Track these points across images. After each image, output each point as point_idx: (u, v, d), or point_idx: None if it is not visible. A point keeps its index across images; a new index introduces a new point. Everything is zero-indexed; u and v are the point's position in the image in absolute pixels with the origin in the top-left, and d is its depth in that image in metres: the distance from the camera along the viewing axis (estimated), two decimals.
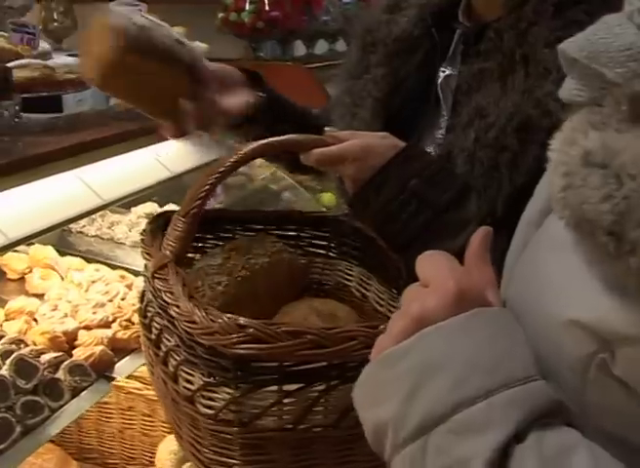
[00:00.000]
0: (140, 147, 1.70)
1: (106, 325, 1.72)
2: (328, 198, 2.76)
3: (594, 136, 0.54)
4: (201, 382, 0.79)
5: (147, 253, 0.98)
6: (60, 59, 1.55)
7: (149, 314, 0.97)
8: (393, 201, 0.94)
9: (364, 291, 1.19)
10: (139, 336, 1.59)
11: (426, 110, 1.08)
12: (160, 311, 0.90)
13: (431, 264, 0.61)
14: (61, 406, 1.51)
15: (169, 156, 1.80)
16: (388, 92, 1.09)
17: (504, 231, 0.95)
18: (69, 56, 1.63)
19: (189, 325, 0.77)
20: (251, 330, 0.73)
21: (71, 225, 2.09)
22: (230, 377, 0.76)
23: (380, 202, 0.95)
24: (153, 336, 0.94)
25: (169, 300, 0.83)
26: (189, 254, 1.18)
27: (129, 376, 1.67)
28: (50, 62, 1.52)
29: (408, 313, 0.58)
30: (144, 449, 1.73)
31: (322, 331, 0.74)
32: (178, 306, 0.80)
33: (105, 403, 1.69)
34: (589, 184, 0.51)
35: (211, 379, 0.78)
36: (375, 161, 0.95)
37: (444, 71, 1.06)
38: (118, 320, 1.71)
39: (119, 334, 1.69)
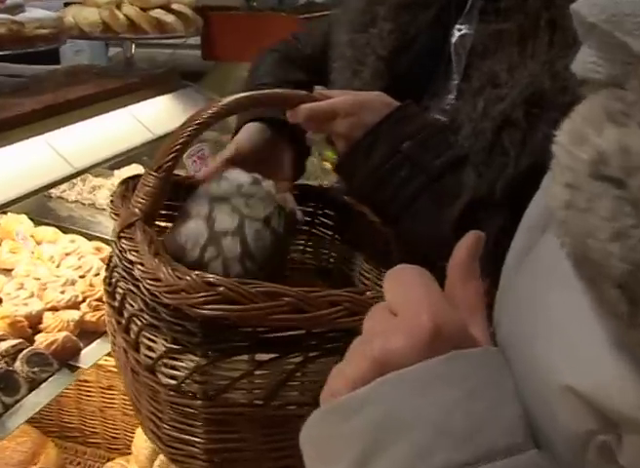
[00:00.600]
0: (119, 107, 1.61)
1: (75, 306, 1.59)
2: (331, 154, 2.62)
3: (611, 134, 0.39)
4: (163, 349, 0.70)
5: (116, 214, 0.89)
6: (33, 13, 1.45)
7: (114, 280, 0.89)
8: (384, 165, 0.86)
9: (347, 270, 1.11)
10: None
11: (437, 73, 0.98)
12: (125, 274, 0.81)
13: (403, 285, 0.47)
14: (17, 401, 1.36)
15: (150, 116, 1.71)
16: (395, 50, 0.98)
17: (501, 213, 0.87)
18: (45, 9, 1.53)
19: (153, 283, 0.68)
20: (221, 288, 0.64)
21: (52, 190, 1.97)
22: (196, 343, 0.67)
23: (369, 165, 0.86)
24: (116, 304, 0.86)
25: (133, 259, 0.75)
26: (161, 223, 1.10)
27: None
28: (20, 17, 1.43)
29: (369, 351, 0.43)
30: (127, 429, 1.65)
31: (302, 294, 0.65)
32: (142, 264, 0.72)
33: (85, 381, 1.60)
34: (598, 210, 0.37)
35: (174, 345, 0.69)
36: (369, 118, 0.87)
37: (460, 30, 0.96)
38: (88, 300, 1.57)
39: (88, 317, 1.55)
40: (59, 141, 1.44)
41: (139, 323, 0.76)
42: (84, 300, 1.60)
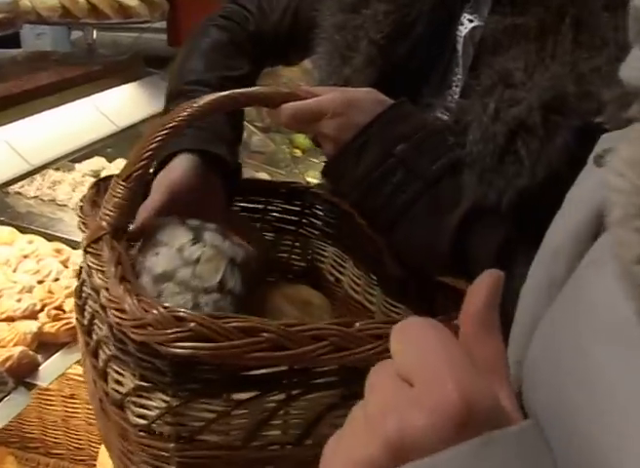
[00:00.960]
0: (80, 97, 1.51)
1: (33, 315, 1.45)
2: (301, 140, 2.52)
3: None
4: (132, 385, 0.64)
5: (84, 224, 0.82)
6: None
7: (84, 295, 0.82)
8: (375, 169, 0.78)
9: (338, 274, 1.04)
10: (70, 329, 1.40)
11: (438, 64, 0.89)
12: (93, 293, 0.74)
13: (416, 345, 0.38)
14: None
15: (114, 107, 1.61)
16: (391, 34, 0.87)
17: (505, 223, 0.80)
18: None
19: (118, 314, 0.62)
20: (192, 324, 0.58)
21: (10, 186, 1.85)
22: (166, 382, 0.61)
23: (360, 170, 0.79)
24: (85, 322, 0.79)
25: (98, 283, 0.68)
26: None
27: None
28: None
29: (380, 430, 0.35)
30: (91, 440, 1.57)
31: (282, 329, 0.59)
32: (107, 289, 0.65)
33: (47, 389, 1.50)
34: None
35: (143, 383, 0.63)
36: (359, 117, 0.79)
37: (471, 21, 0.86)
38: (47, 308, 1.44)
39: (46, 327, 1.41)
40: (14, 136, 1.35)
41: (107, 351, 0.69)
42: (42, 309, 1.47)
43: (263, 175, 2.21)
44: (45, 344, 1.40)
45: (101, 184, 0.93)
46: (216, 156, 0.90)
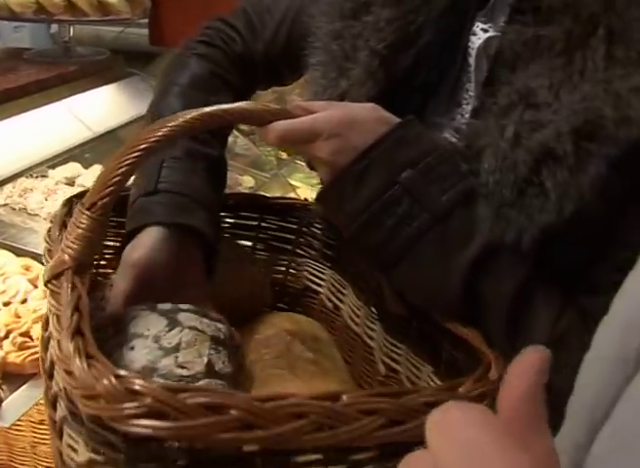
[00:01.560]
0: (53, 100, 1.40)
1: None
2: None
3: None
4: (85, 456, 0.55)
5: (49, 251, 0.74)
6: None
7: (47, 334, 0.74)
8: (377, 199, 0.69)
9: (336, 301, 0.95)
10: (37, 359, 1.23)
11: (446, 79, 0.79)
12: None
13: (461, 441, 0.32)
14: None
15: (91, 111, 1.50)
16: (394, 44, 0.78)
17: (525, 263, 0.70)
18: None
19: (66, 378, 0.53)
20: (148, 400, 0.49)
21: None
22: (121, 460, 0.52)
23: (359, 199, 0.69)
24: (47, 364, 0.71)
25: (53, 331, 0.59)
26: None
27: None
28: None
29: None
30: None
31: (254, 406, 0.50)
32: (59, 342, 0.57)
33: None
34: None
35: (96, 456, 0.54)
36: (359, 139, 0.70)
37: (486, 31, 0.76)
38: (12, 335, 1.25)
39: (11, 357, 1.22)
40: None
41: (62, 408, 0.61)
42: (7, 336, 1.28)
43: (248, 179, 2.09)
44: (9, 376, 1.23)
45: (75, 201, 0.85)
46: (191, 228, 0.79)
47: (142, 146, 0.66)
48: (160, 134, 0.66)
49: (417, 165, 0.69)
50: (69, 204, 0.83)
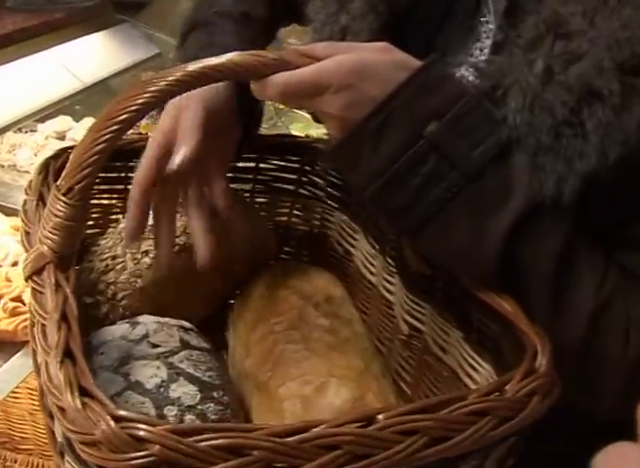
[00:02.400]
0: (40, 49, 1.29)
1: None
2: None
3: None
4: None
5: (27, 234, 0.66)
6: None
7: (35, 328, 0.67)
8: (399, 158, 0.59)
9: (347, 245, 0.88)
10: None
11: (459, 9, 0.69)
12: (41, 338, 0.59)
13: None
14: None
15: (79, 60, 1.38)
16: None
17: (567, 220, 0.63)
18: None
19: (61, 416, 0.46)
20: (156, 448, 0.42)
21: None
22: None
23: (378, 158, 0.59)
24: (39, 359, 0.64)
25: (39, 349, 0.52)
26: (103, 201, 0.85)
27: None
28: None
29: None
30: None
31: (278, 443, 0.43)
32: (47, 366, 0.49)
33: None
34: None
35: None
36: (374, 89, 0.59)
37: None
38: (2, 301, 1.16)
39: (2, 324, 1.14)
40: None
41: (59, 438, 0.54)
42: None
43: None
44: (1, 344, 1.15)
45: (52, 164, 0.75)
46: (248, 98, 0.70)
47: (120, 118, 0.56)
48: (140, 101, 0.57)
49: (443, 116, 0.59)
50: (45, 169, 0.73)
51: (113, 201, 0.85)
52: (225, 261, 0.79)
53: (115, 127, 0.56)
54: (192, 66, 0.58)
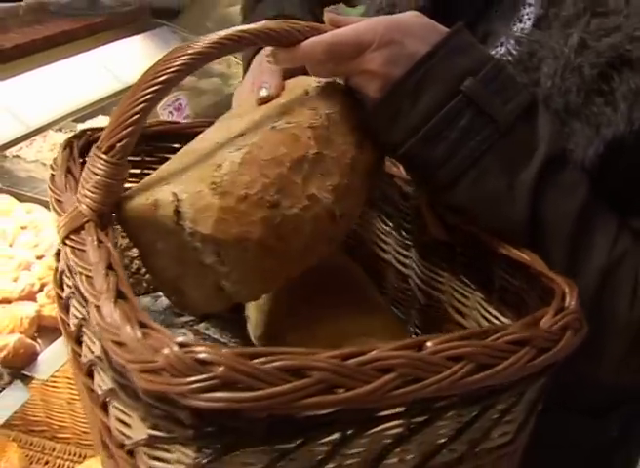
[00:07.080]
0: (80, 51, 1.32)
1: (30, 296, 1.25)
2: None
3: None
4: (142, 434, 0.50)
5: (57, 202, 0.67)
6: None
7: (66, 289, 0.68)
8: (437, 111, 0.62)
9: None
10: None
11: None
12: (78, 296, 0.60)
13: None
14: None
15: (118, 62, 1.42)
16: None
17: (586, 181, 0.66)
18: None
19: (118, 351, 0.47)
20: (221, 368, 0.43)
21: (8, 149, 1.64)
22: (190, 436, 0.47)
23: (417, 112, 0.63)
24: (72, 326, 0.65)
25: (86, 293, 0.53)
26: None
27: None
28: None
29: None
30: None
31: (338, 364, 0.45)
32: (98, 309, 0.50)
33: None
34: None
35: (158, 433, 0.49)
36: (414, 46, 0.63)
37: None
38: (46, 288, 1.22)
39: (46, 310, 1.21)
40: (10, 94, 1.16)
41: (105, 380, 0.55)
42: (41, 289, 1.27)
43: None
44: (45, 329, 1.20)
45: (75, 143, 0.77)
46: None
47: (161, 79, 0.59)
48: (180, 62, 0.59)
49: (477, 73, 0.63)
50: (69, 146, 0.75)
51: (131, 185, 0.87)
52: None
53: (156, 87, 0.59)
54: (230, 31, 0.60)
